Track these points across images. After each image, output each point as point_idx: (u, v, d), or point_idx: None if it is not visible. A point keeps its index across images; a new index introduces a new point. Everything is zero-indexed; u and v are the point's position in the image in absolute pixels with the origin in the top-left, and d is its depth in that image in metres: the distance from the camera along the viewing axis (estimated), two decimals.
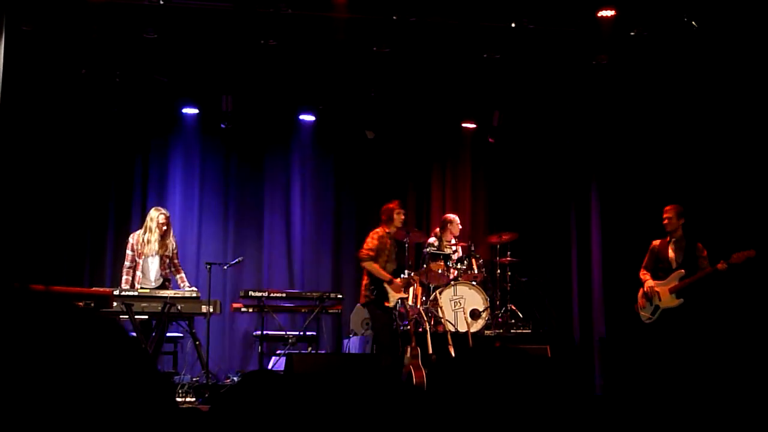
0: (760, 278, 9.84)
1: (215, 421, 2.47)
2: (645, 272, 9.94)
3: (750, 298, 10.05)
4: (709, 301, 9.73)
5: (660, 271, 9.79)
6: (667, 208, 9.82)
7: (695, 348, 9.33)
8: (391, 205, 10.52)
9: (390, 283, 10.14)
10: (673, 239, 9.76)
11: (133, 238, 10.68)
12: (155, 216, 10.65)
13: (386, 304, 9.95)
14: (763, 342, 9.63)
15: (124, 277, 10.55)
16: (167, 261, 10.74)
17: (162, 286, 10.62)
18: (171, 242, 10.74)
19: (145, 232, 10.64)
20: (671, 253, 9.74)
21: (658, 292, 9.67)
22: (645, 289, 9.81)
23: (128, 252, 10.65)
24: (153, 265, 10.72)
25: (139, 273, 10.63)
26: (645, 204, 11.32)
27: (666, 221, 9.77)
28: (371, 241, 10.35)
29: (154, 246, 10.59)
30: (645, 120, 11.67)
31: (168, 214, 10.73)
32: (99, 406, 1.59)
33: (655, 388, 9.34)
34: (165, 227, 10.64)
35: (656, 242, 9.98)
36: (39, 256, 11.30)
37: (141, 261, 10.63)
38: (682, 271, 9.53)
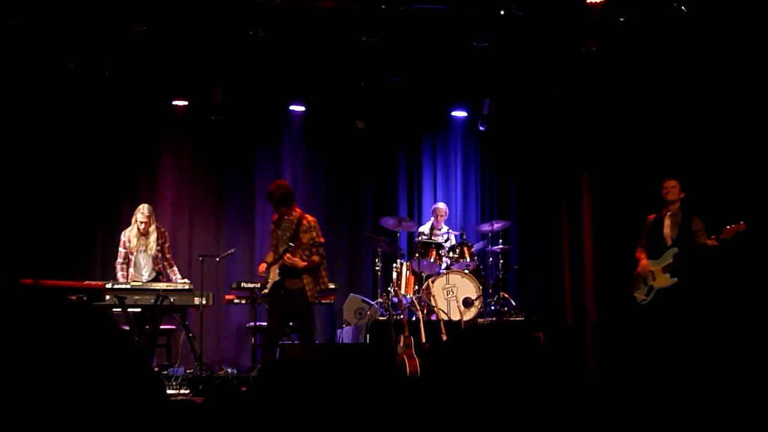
0: (752, 252, 9.79)
1: (209, 413, 2.47)
2: (641, 251, 9.85)
3: (744, 273, 10.00)
4: (704, 278, 9.66)
5: (654, 247, 9.68)
6: (670, 180, 9.71)
7: (691, 328, 9.27)
8: None
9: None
10: (669, 213, 9.66)
11: (124, 235, 10.79)
12: (136, 212, 10.75)
13: (263, 292, 9.67)
14: (758, 320, 9.59)
15: (119, 273, 10.64)
16: (159, 256, 10.77)
17: (155, 281, 10.64)
18: (153, 238, 10.74)
19: (131, 229, 10.73)
20: (666, 229, 9.64)
21: (652, 272, 9.58)
22: (639, 270, 9.73)
23: (120, 249, 10.77)
24: (144, 261, 10.76)
25: (131, 269, 10.69)
26: (636, 189, 11.33)
27: (666, 190, 9.65)
28: None
29: (134, 241, 10.67)
30: (635, 106, 11.68)
31: (146, 212, 10.72)
32: (89, 399, 1.59)
33: (648, 373, 9.30)
34: (144, 224, 10.67)
35: (651, 216, 9.90)
36: (29, 251, 11.28)
37: (133, 257, 10.70)
38: (676, 249, 9.46)
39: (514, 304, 11.63)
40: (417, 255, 11.36)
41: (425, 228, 12.08)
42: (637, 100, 11.62)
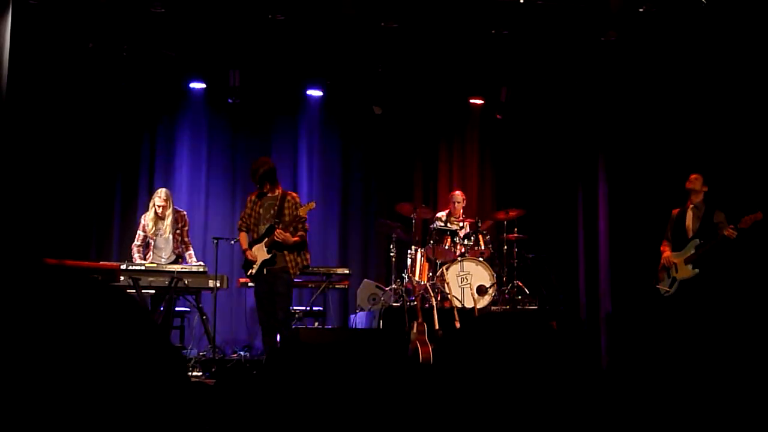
0: None
1: (221, 395, 2.48)
2: (665, 243, 9.86)
3: (762, 262, 9.95)
4: (726, 270, 9.64)
5: (677, 240, 9.70)
6: (694, 174, 9.74)
7: (712, 320, 9.25)
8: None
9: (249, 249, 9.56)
10: (692, 206, 9.67)
11: (144, 219, 10.78)
12: (154, 196, 10.76)
13: (249, 273, 9.60)
14: None
15: (135, 255, 10.66)
16: (179, 239, 10.79)
17: (175, 263, 10.65)
18: (169, 222, 10.72)
19: (149, 213, 10.74)
20: (688, 221, 9.66)
21: (675, 264, 9.59)
22: (662, 261, 9.74)
23: (139, 232, 10.78)
24: (163, 244, 10.77)
25: (151, 253, 10.70)
26: (652, 180, 11.30)
27: (689, 185, 9.68)
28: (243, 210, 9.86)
29: (150, 225, 10.67)
30: (653, 97, 11.63)
31: (163, 196, 10.69)
32: (113, 373, 1.60)
33: (666, 364, 9.27)
34: (161, 208, 10.66)
35: (675, 210, 9.91)
36: (46, 231, 11.31)
37: (152, 241, 10.71)
38: (698, 240, 9.46)
39: (527, 292, 11.60)
40: (432, 242, 11.35)
41: (442, 215, 12.06)
42: (656, 91, 11.57)
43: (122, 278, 9.74)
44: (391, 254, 11.78)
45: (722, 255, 9.43)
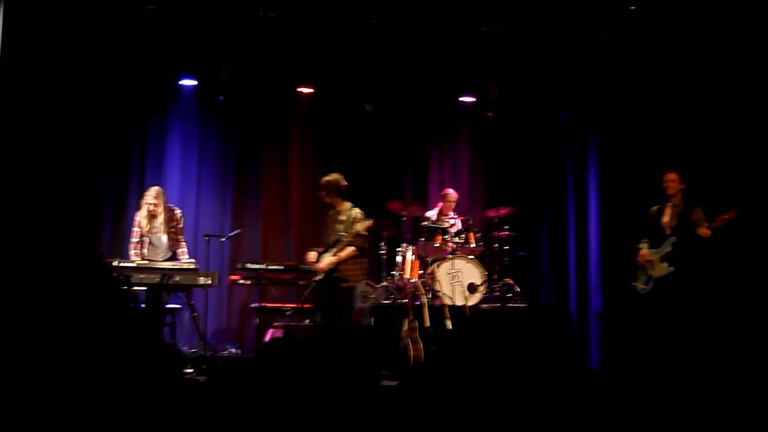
0: (743, 240, 9.79)
1: (212, 392, 2.49)
2: (643, 241, 9.89)
3: (735, 260, 10.01)
4: (700, 267, 9.67)
5: (654, 237, 9.73)
6: (670, 173, 9.78)
7: (687, 317, 9.29)
8: None
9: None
10: (670, 203, 9.70)
11: (138, 215, 10.79)
12: (145, 195, 10.78)
13: (318, 277, 9.93)
14: (752, 308, 9.59)
15: (131, 252, 10.64)
16: (173, 237, 10.79)
17: (171, 260, 10.65)
18: (161, 220, 10.72)
19: (142, 211, 10.75)
20: (665, 218, 9.70)
21: (651, 261, 9.62)
22: (638, 259, 9.78)
23: (135, 229, 10.76)
24: (158, 242, 10.77)
25: (145, 250, 10.69)
26: (643, 178, 11.32)
27: (667, 184, 9.72)
28: None
29: (144, 223, 10.68)
30: (643, 94, 11.66)
31: (153, 194, 10.69)
32: (109, 370, 1.61)
33: (647, 362, 9.30)
34: (153, 206, 10.66)
35: (654, 208, 9.95)
36: (36, 227, 11.28)
37: (147, 239, 10.70)
38: (674, 238, 9.49)
39: (518, 290, 11.61)
40: (422, 239, 11.36)
41: (432, 214, 12.07)
42: (646, 88, 11.60)
43: None
44: (382, 252, 11.78)
45: (696, 252, 9.47)
